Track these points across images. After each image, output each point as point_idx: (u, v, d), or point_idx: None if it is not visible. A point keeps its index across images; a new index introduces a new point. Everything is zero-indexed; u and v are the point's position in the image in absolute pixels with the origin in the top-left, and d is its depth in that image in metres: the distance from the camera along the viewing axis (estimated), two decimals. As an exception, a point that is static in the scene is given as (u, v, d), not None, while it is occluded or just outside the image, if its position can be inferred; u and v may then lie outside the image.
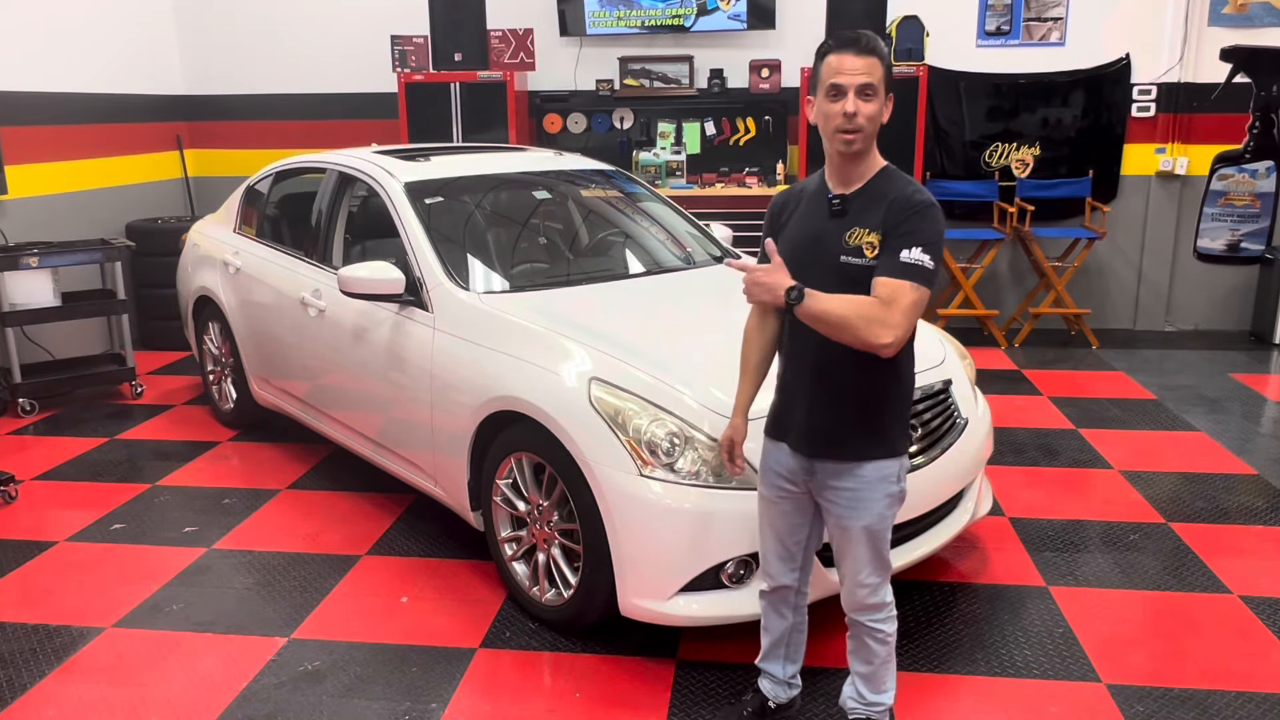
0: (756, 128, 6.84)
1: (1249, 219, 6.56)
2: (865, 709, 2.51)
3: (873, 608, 2.38)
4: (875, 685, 2.48)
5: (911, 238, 2.12)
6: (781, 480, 2.39)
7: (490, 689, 2.85)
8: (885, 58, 2.16)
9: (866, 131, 2.15)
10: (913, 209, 2.14)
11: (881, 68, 2.14)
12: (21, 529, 3.95)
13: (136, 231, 6.42)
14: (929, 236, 2.13)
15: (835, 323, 2.10)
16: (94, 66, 6.49)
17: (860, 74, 2.12)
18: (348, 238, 4.31)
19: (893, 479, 2.29)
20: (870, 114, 2.14)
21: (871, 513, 2.28)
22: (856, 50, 2.13)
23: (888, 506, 2.31)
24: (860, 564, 2.33)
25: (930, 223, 2.15)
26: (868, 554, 2.32)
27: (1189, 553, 3.65)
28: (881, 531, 2.31)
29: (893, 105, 2.21)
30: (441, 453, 3.45)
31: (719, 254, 4.25)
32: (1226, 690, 2.81)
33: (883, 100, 2.16)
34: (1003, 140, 6.81)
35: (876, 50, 2.14)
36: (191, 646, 3.09)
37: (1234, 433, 4.92)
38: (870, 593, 2.36)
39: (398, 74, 6.63)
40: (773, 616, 2.58)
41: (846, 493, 2.28)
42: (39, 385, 5.39)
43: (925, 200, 2.16)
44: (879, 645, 2.43)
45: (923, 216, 2.14)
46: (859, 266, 2.17)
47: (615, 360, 2.99)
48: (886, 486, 2.29)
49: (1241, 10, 6.46)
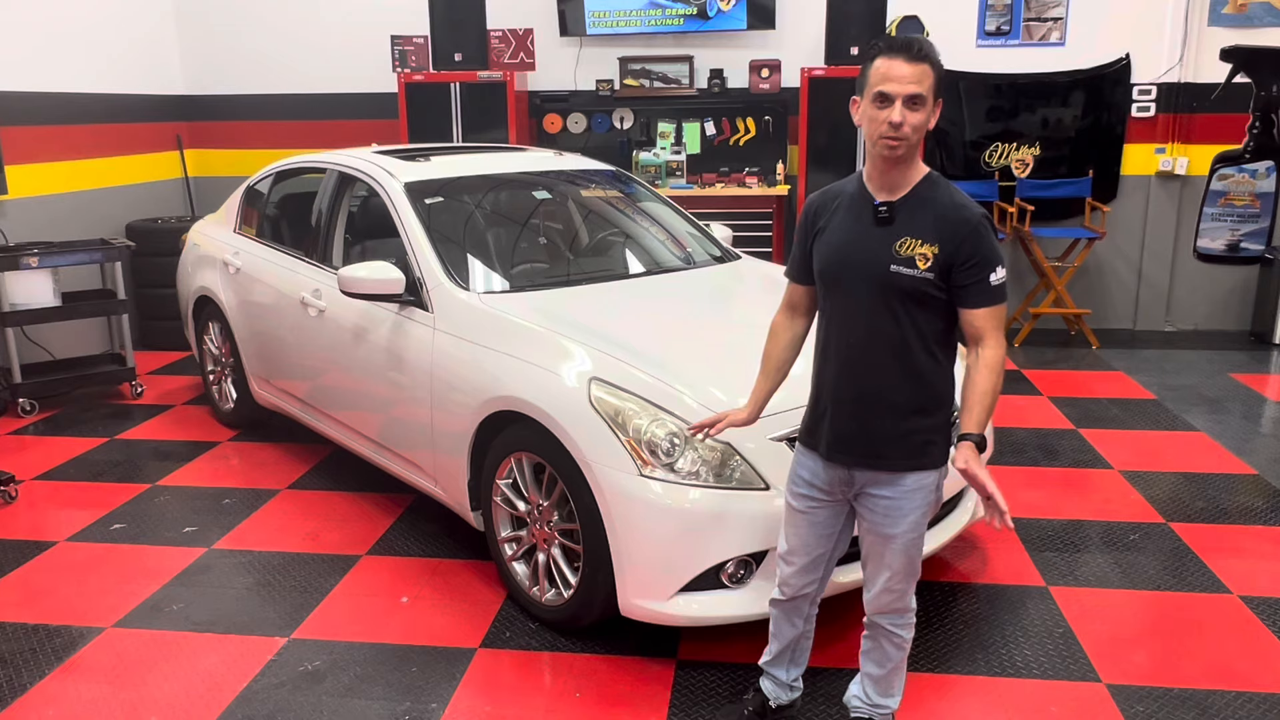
0: (756, 128, 6.84)
1: (1249, 219, 6.56)
2: (870, 709, 2.52)
3: (897, 612, 2.37)
4: (884, 689, 2.48)
5: (990, 262, 2.12)
6: (814, 490, 2.34)
7: (490, 689, 2.85)
8: (938, 64, 2.10)
9: (911, 140, 2.10)
10: (974, 229, 2.11)
11: (933, 75, 2.08)
12: (21, 529, 3.96)
13: (136, 231, 6.42)
14: (999, 253, 2.15)
15: (995, 402, 2.16)
16: (95, 66, 6.49)
17: (910, 83, 2.05)
18: (348, 238, 4.31)
19: (931, 489, 2.26)
20: (917, 123, 2.08)
21: (908, 521, 2.25)
22: (908, 57, 2.06)
23: (924, 516, 2.28)
24: (892, 571, 2.30)
25: (993, 237, 2.15)
26: (900, 561, 2.29)
27: (1189, 553, 3.65)
28: (916, 539, 2.28)
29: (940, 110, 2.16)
30: (442, 453, 3.45)
31: (719, 254, 4.25)
32: (1226, 690, 2.81)
33: (931, 108, 2.10)
34: (1003, 140, 6.81)
35: (929, 57, 2.08)
36: (191, 646, 3.09)
37: (1234, 433, 4.92)
38: (896, 598, 2.34)
39: (398, 74, 6.63)
40: (784, 625, 2.55)
41: (885, 501, 2.25)
42: (39, 385, 5.39)
43: (979, 215, 2.14)
44: (895, 649, 2.42)
45: (984, 236, 2.12)
46: (910, 277, 2.13)
47: (615, 360, 2.99)
48: (925, 495, 2.25)
49: (1241, 10, 6.46)
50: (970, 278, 2.11)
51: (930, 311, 2.16)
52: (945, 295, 2.15)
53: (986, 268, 2.11)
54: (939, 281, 2.12)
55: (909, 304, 2.14)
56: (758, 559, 2.78)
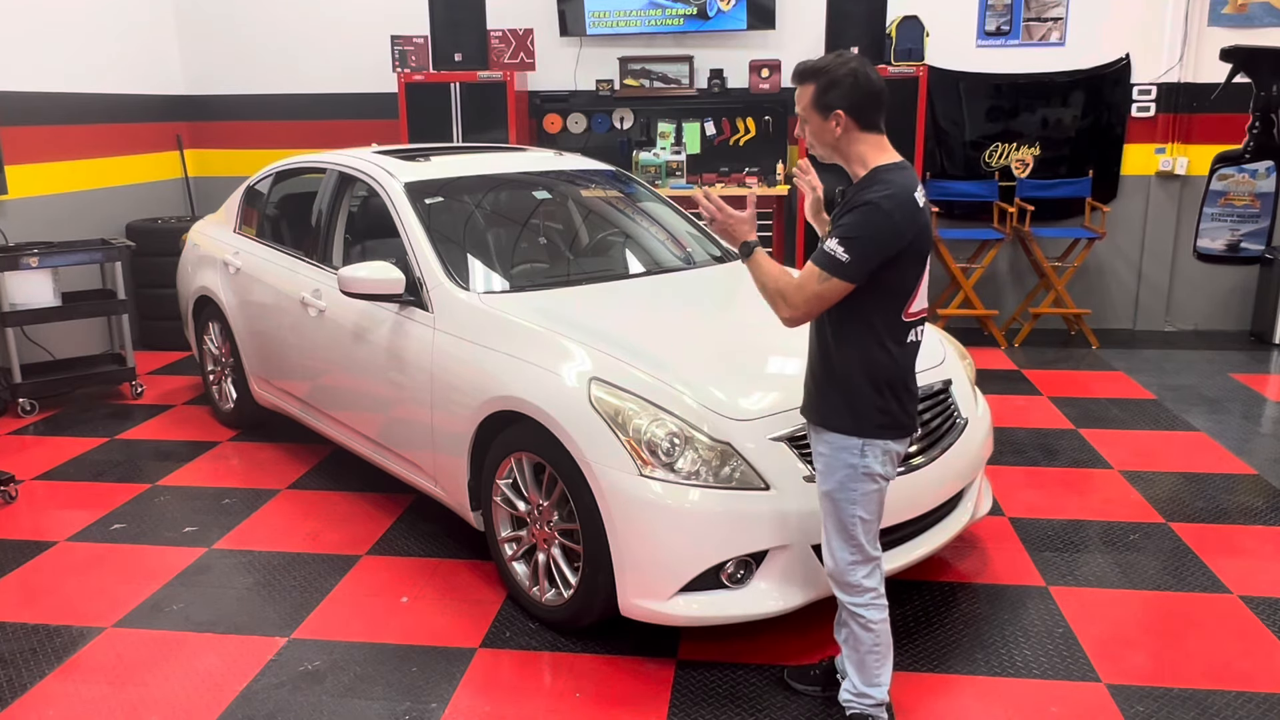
0: (756, 128, 6.84)
1: (1249, 219, 6.56)
2: (858, 701, 2.54)
3: (849, 587, 2.47)
4: (866, 676, 2.53)
5: (836, 229, 2.27)
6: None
7: (490, 689, 2.85)
8: (818, 74, 2.31)
9: (818, 150, 2.38)
10: (850, 206, 2.28)
11: (810, 94, 2.32)
12: (21, 529, 3.96)
13: (136, 231, 6.42)
14: (851, 229, 2.24)
15: (758, 286, 2.37)
16: (94, 66, 6.49)
17: (797, 105, 2.39)
18: (348, 238, 4.31)
19: (854, 453, 2.37)
20: (809, 137, 2.38)
21: (833, 479, 2.41)
22: (793, 82, 2.39)
23: (849, 479, 2.38)
24: (829, 533, 2.48)
25: (859, 216, 2.24)
26: (833, 524, 2.45)
27: (1189, 553, 3.65)
28: (844, 504, 2.41)
29: (844, 118, 2.29)
30: (442, 453, 3.45)
31: (719, 254, 4.25)
32: (1226, 690, 2.81)
33: (819, 122, 2.33)
34: (1003, 140, 6.81)
35: (803, 78, 2.35)
36: (191, 646, 3.09)
37: (1234, 433, 4.92)
38: (841, 569, 2.46)
39: (398, 74, 6.63)
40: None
41: (819, 456, 2.45)
42: (39, 385, 5.39)
43: (864, 199, 2.25)
44: (863, 631, 2.49)
45: (855, 212, 2.25)
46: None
47: (615, 360, 2.99)
48: (849, 458, 2.38)
49: (1241, 10, 6.46)
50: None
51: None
52: None
53: (835, 231, 2.26)
54: None
55: None
56: (757, 559, 2.78)
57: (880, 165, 2.32)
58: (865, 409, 2.36)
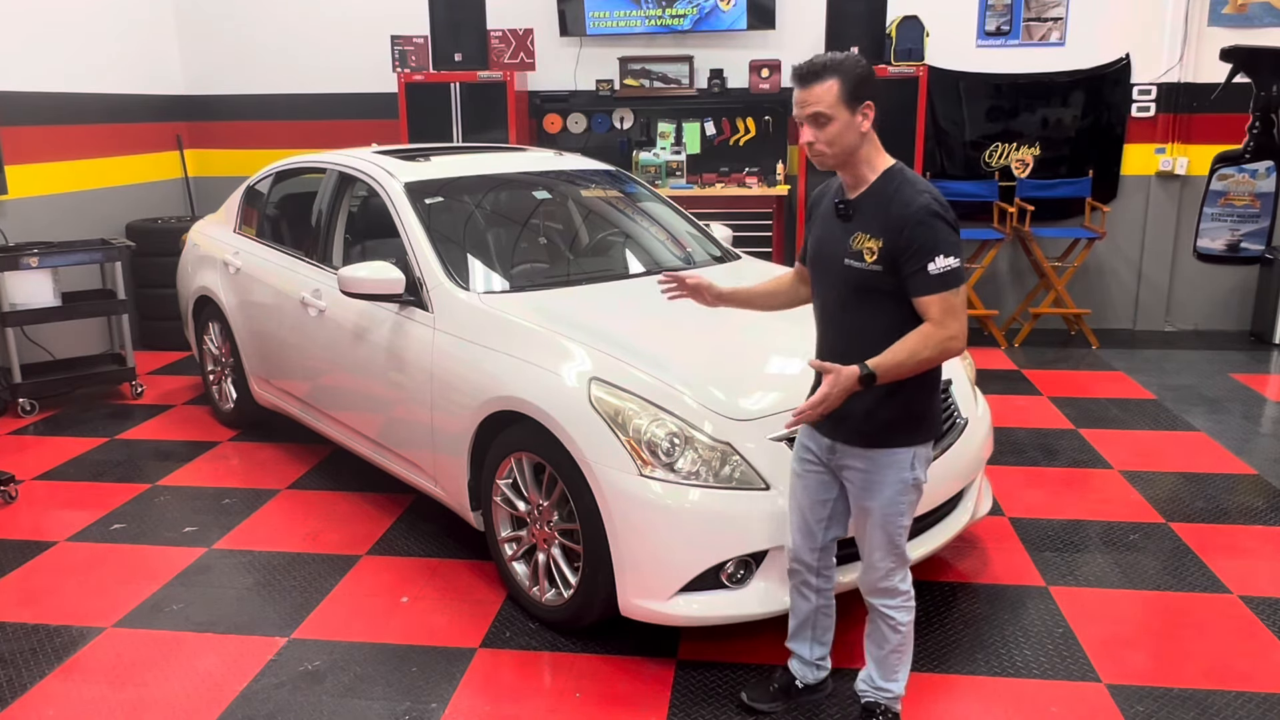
0: (756, 128, 6.84)
1: (1249, 219, 6.56)
2: (875, 693, 2.59)
3: (885, 592, 2.47)
4: (885, 671, 2.57)
5: (931, 249, 2.18)
6: (809, 455, 2.51)
7: (490, 689, 2.85)
8: (847, 71, 2.21)
9: (831, 153, 2.27)
10: (915, 221, 2.20)
11: (836, 89, 2.20)
12: (21, 529, 3.96)
13: (136, 231, 6.42)
14: (944, 240, 2.20)
15: (915, 365, 2.22)
16: (94, 66, 6.49)
17: (808, 105, 2.23)
18: (348, 238, 4.31)
19: (904, 466, 2.35)
20: (828, 137, 2.24)
21: (882, 496, 2.37)
22: (802, 82, 2.24)
23: (899, 493, 2.37)
24: (873, 546, 2.43)
25: (939, 228, 2.20)
26: (880, 537, 2.41)
27: (1189, 553, 3.65)
28: (893, 517, 2.39)
29: (873, 111, 2.25)
30: (442, 453, 3.45)
31: (719, 254, 4.25)
32: (1226, 690, 2.81)
33: (847, 118, 2.22)
34: (1003, 140, 6.81)
35: (820, 76, 2.21)
36: (191, 646, 3.09)
37: (1234, 433, 4.92)
38: (882, 576, 2.45)
39: (398, 74, 6.63)
40: (797, 597, 2.67)
41: (859, 474, 2.38)
42: (39, 385, 5.39)
43: (922, 207, 2.20)
44: (891, 632, 2.51)
45: (928, 225, 2.19)
46: (859, 270, 2.28)
47: (615, 360, 2.99)
48: (898, 472, 2.35)
49: (1241, 10, 6.46)
50: (911, 267, 2.21)
51: (883, 302, 2.27)
52: (896, 287, 2.24)
53: (925, 256, 2.18)
54: (888, 274, 2.24)
55: (863, 295, 2.29)
56: (757, 559, 2.78)
57: (893, 164, 2.32)
58: (928, 414, 2.38)
